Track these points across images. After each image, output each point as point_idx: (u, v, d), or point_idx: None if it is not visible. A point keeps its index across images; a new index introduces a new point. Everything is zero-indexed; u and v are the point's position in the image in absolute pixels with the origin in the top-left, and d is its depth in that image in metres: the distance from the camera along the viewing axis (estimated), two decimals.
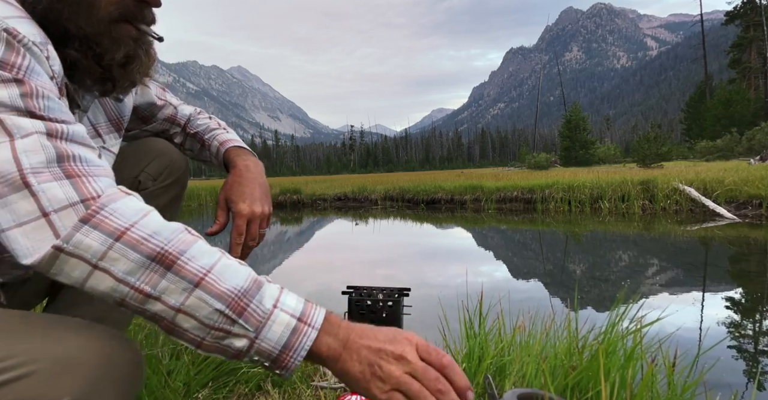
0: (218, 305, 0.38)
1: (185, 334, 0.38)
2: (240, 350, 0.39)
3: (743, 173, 6.30)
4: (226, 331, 0.38)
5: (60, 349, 0.34)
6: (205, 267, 0.38)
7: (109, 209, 0.36)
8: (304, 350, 0.40)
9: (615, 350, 0.76)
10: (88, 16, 0.45)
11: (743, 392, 1.18)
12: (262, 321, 0.39)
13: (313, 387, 0.77)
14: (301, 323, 0.40)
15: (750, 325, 1.91)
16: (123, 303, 0.37)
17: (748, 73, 28.69)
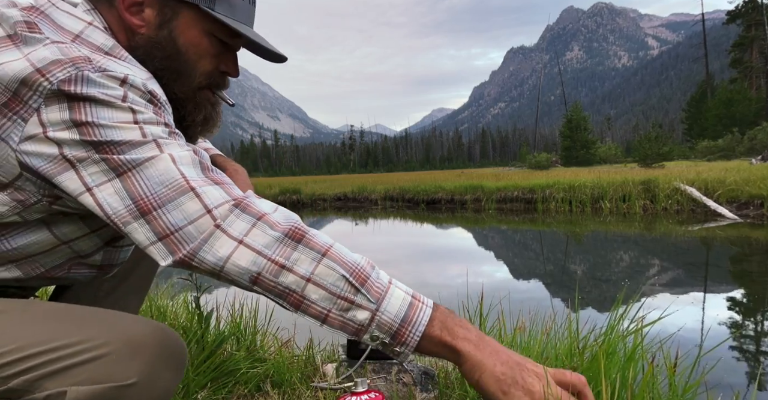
0: (343, 272, 0.42)
1: (312, 307, 0.42)
2: (362, 324, 0.42)
3: (745, 173, 6.28)
4: (350, 301, 0.42)
5: (128, 334, 0.39)
6: (328, 243, 0.44)
7: (251, 201, 0.44)
8: (422, 325, 0.42)
9: (615, 350, 0.75)
10: (183, 84, 0.53)
11: (744, 392, 1.17)
12: (382, 293, 0.42)
13: (312, 388, 0.77)
14: (416, 300, 0.44)
15: (751, 325, 1.90)
16: (258, 278, 0.41)
17: (750, 73, 28.64)
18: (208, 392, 0.74)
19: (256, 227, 0.42)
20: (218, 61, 0.55)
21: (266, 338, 0.97)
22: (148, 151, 0.42)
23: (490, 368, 0.41)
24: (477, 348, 0.42)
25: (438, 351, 0.42)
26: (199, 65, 0.53)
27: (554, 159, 20.32)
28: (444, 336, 0.42)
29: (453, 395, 0.77)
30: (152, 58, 0.50)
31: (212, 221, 0.42)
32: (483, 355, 0.41)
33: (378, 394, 0.67)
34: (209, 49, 0.53)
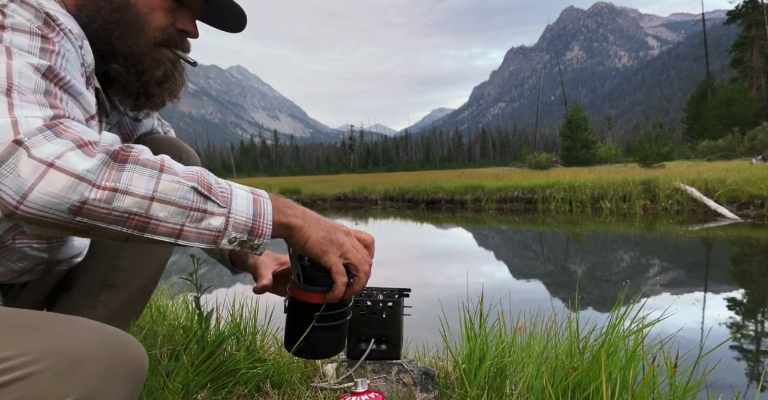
0: (191, 183, 0.39)
1: (162, 225, 0.38)
2: (219, 230, 0.41)
3: (745, 173, 6.28)
4: (203, 210, 0.40)
5: (68, 346, 0.34)
6: (159, 158, 0.40)
7: (70, 125, 0.38)
8: (269, 214, 0.44)
9: (616, 350, 0.75)
10: (136, 37, 0.52)
11: (745, 393, 1.17)
12: (228, 196, 0.42)
13: (312, 388, 0.77)
14: (256, 195, 0.45)
15: (752, 325, 1.90)
16: (82, 208, 0.35)
17: (750, 73, 28.61)
18: (208, 392, 0.73)
19: (72, 151, 0.35)
20: (173, 18, 0.55)
21: (266, 338, 0.97)
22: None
23: (314, 235, 0.47)
24: (303, 221, 0.47)
25: (276, 232, 0.46)
26: (151, 19, 0.53)
27: (554, 159, 20.31)
28: (281, 219, 0.45)
29: (453, 395, 0.77)
30: (101, 10, 0.50)
31: (11, 134, 0.34)
32: (308, 226, 0.47)
33: (378, 394, 0.67)
34: (160, 3, 0.53)
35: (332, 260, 0.48)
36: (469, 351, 0.83)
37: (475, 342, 0.83)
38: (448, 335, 0.90)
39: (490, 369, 0.79)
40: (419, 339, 1.06)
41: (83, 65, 0.47)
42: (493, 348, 0.83)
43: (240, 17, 0.60)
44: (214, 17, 0.60)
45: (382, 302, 0.79)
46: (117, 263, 0.67)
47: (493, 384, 0.78)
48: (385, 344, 0.79)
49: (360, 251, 0.50)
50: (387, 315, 0.79)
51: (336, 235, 0.49)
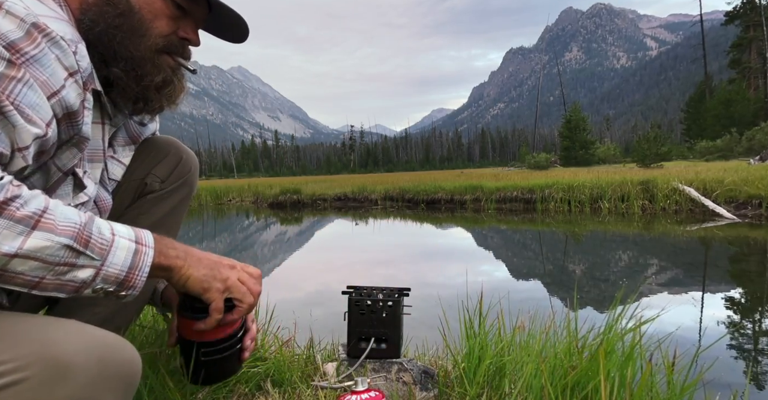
0: (65, 241, 0.38)
1: (17, 278, 0.37)
2: (84, 281, 0.40)
3: (743, 173, 6.30)
4: (71, 264, 0.38)
5: (56, 353, 0.33)
6: (39, 208, 0.38)
7: None
8: (147, 266, 0.44)
9: (614, 349, 0.76)
10: (138, 43, 0.52)
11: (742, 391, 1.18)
12: (106, 249, 0.41)
13: (313, 387, 0.77)
14: (140, 245, 0.44)
15: (749, 324, 1.91)
16: None
17: (748, 73, 28.69)
18: (209, 391, 0.74)
19: None
20: (176, 26, 0.56)
21: (267, 338, 0.97)
22: None
23: (195, 274, 0.48)
24: (184, 261, 0.48)
25: (155, 274, 0.46)
26: (154, 25, 0.53)
27: (553, 159, 20.33)
28: (161, 260, 0.46)
29: (452, 393, 0.77)
30: (104, 14, 0.51)
31: None
32: (188, 265, 0.48)
33: (378, 393, 0.68)
34: (164, 10, 0.54)
35: (213, 296, 0.50)
36: (468, 350, 0.83)
37: (474, 341, 0.83)
38: (447, 334, 0.90)
39: (489, 368, 0.79)
40: (419, 338, 1.07)
41: (77, 72, 0.45)
42: (492, 347, 0.83)
43: (242, 29, 0.61)
44: (217, 27, 0.61)
45: (382, 301, 0.79)
46: None
47: (493, 383, 0.78)
48: (385, 343, 0.80)
49: (246, 283, 0.52)
50: (387, 314, 0.79)
51: (219, 271, 0.50)
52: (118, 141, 0.64)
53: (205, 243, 5.34)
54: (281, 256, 4.41)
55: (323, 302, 2.31)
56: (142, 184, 0.69)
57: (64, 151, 0.49)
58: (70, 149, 0.49)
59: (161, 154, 0.70)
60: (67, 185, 0.52)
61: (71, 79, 0.45)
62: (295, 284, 2.93)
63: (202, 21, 0.58)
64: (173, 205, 0.71)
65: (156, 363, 0.71)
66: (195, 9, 0.56)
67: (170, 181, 0.70)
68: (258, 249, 4.85)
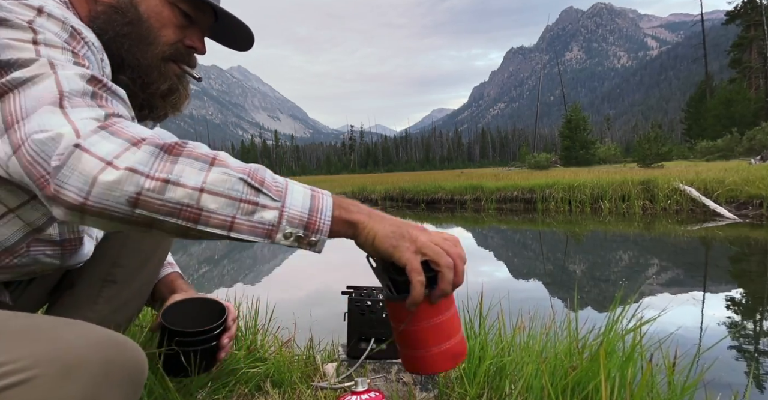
0: (240, 175, 0.39)
1: (213, 217, 0.38)
2: (272, 223, 0.40)
3: (744, 173, 6.29)
4: (254, 203, 0.40)
5: (62, 353, 0.34)
6: (212, 152, 0.41)
7: (124, 125, 0.40)
8: (328, 210, 0.43)
9: (614, 349, 0.76)
10: (145, 51, 0.53)
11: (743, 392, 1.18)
12: (282, 190, 0.42)
13: (312, 388, 0.77)
14: (315, 192, 0.44)
15: (750, 325, 1.91)
16: (138, 199, 0.37)
17: (749, 73, 28.65)
18: (209, 392, 0.74)
19: (129, 150, 0.37)
20: (183, 34, 0.56)
21: (266, 338, 0.97)
22: (36, 70, 0.40)
23: (382, 230, 0.44)
24: (370, 218, 0.45)
25: (339, 230, 0.44)
26: (161, 33, 0.54)
27: (554, 159, 20.32)
28: (343, 215, 0.44)
29: (453, 394, 0.77)
30: (113, 23, 0.52)
31: (73, 137, 0.36)
32: (375, 222, 0.45)
33: (378, 393, 0.68)
34: (171, 19, 0.55)
35: (405, 256, 0.43)
36: (468, 350, 0.83)
37: (474, 341, 0.83)
38: None
39: (489, 368, 0.79)
40: None
41: (104, 76, 0.48)
42: (492, 347, 0.83)
43: (247, 37, 0.61)
44: (222, 35, 0.62)
45: (382, 301, 0.79)
46: (118, 260, 0.67)
47: (493, 383, 0.78)
48: (385, 343, 0.79)
49: (441, 244, 0.44)
50: (387, 315, 0.79)
51: (408, 230, 0.45)
52: None
53: (205, 243, 5.34)
54: (281, 256, 4.41)
55: (323, 303, 2.31)
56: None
57: None
58: None
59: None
60: None
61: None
62: (295, 285, 2.93)
63: (207, 29, 0.59)
64: None
65: (155, 364, 0.71)
66: (201, 18, 0.57)
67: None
68: (258, 249, 4.85)
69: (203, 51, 0.59)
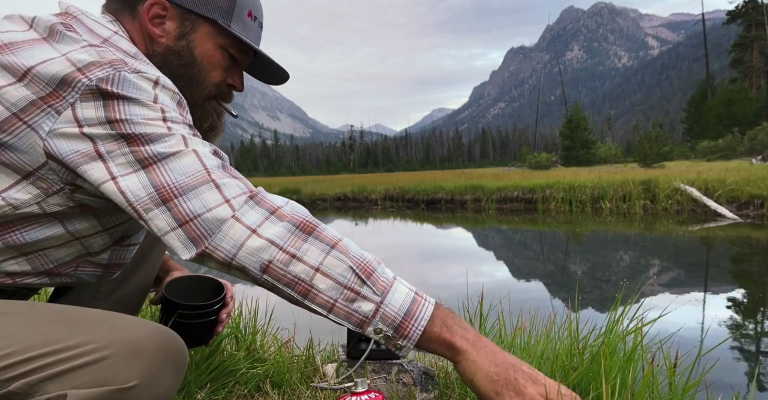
0: (350, 263, 0.44)
1: (320, 296, 0.43)
2: (366, 315, 0.43)
3: (745, 173, 6.28)
4: (356, 292, 0.43)
5: (129, 337, 0.38)
6: (337, 236, 0.46)
7: (264, 195, 0.47)
8: (424, 319, 0.44)
9: (615, 350, 0.75)
10: (195, 91, 0.57)
11: (745, 392, 1.17)
12: (387, 287, 0.44)
13: (312, 388, 0.77)
14: (418, 296, 0.46)
15: (751, 325, 1.90)
16: (269, 267, 0.42)
17: (750, 73, 28.62)
18: (208, 392, 0.74)
19: (269, 220, 0.44)
20: (227, 75, 0.60)
21: (266, 338, 0.97)
22: (175, 146, 0.45)
23: (485, 368, 0.42)
24: (474, 347, 0.43)
25: (436, 348, 0.44)
26: (210, 75, 0.58)
27: (554, 159, 20.30)
28: (443, 333, 0.43)
29: (453, 395, 0.77)
30: (169, 64, 0.55)
31: (230, 211, 0.43)
32: (479, 354, 0.43)
33: (378, 394, 0.67)
34: (221, 62, 0.58)
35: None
36: None
37: None
38: None
39: None
40: None
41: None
42: None
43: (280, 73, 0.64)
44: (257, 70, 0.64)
45: None
46: None
47: None
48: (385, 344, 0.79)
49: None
50: None
51: (516, 376, 0.41)
52: None
53: None
54: None
55: None
56: None
57: None
58: None
59: None
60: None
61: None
62: None
63: (246, 66, 0.62)
64: None
65: None
66: (244, 59, 0.60)
67: None
68: None
69: (242, 89, 0.62)
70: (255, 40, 0.59)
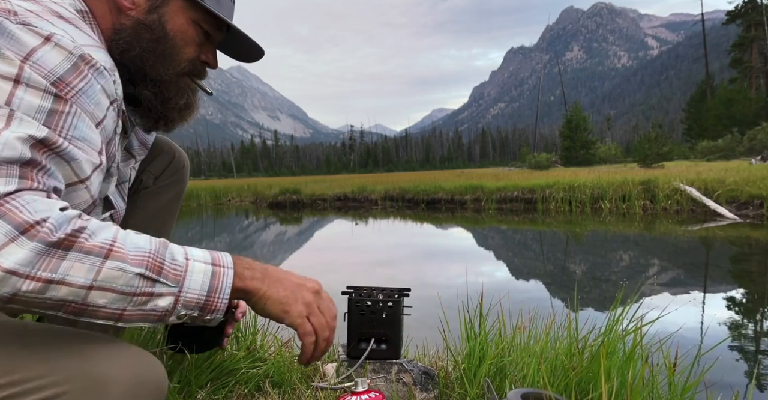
0: (135, 270, 0.38)
1: (101, 311, 0.37)
2: (165, 310, 0.40)
3: (744, 173, 6.29)
4: (149, 294, 0.39)
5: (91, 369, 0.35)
6: (109, 239, 0.38)
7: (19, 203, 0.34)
8: (228, 288, 0.43)
9: (615, 350, 0.75)
10: (168, 66, 0.54)
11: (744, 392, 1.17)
12: (181, 274, 0.41)
13: (312, 388, 0.77)
14: (216, 267, 0.43)
15: (751, 325, 1.91)
16: (14, 299, 0.34)
17: (750, 73, 28.63)
18: (209, 392, 0.74)
19: (13, 242, 0.33)
20: (200, 51, 0.58)
21: (266, 338, 0.97)
22: None
23: (274, 296, 0.46)
24: (264, 283, 0.46)
25: (231, 300, 0.45)
26: (184, 51, 0.56)
27: (554, 159, 20.30)
28: (237, 284, 0.44)
29: (453, 394, 0.77)
30: (140, 39, 0.52)
31: None
32: (267, 287, 0.46)
33: (378, 394, 0.67)
34: (194, 38, 0.56)
35: (296, 322, 0.47)
36: (468, 351, 0.83)
37: (474, 342, 0.83)
38: (448, 335, 0.90)
39: (489, 369, 0.79)
40: (419, 339, 1.07)
41: (115, 101, 0.47)
42: (492, 348, 0.83)
43: (256, 51, 0.63)
44: (230, 47, 0.63)
45: (382, 301, 0.79)
46: None
47: (493, 384, 0.78)
48: (385, 343, 0.79)
49: (326, 314, 0.49)
50: (387, 315, 0.79)
51: (301, 294, 0.47)
52: (137, 151, 0.66)
53: (205, 243, 5.34)
54: (281, 256, 4.41)
55: None
56: (138, 181, 0.71)
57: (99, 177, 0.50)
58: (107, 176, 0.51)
59: (155, 152, 0.73)
60: (98, 207, 0.53)
61: (111, 108, 0.47)
62: None
63: (218, 43, 0.61)
64: (167, 200, 0.74)
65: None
66: (217, 35, 0.59)
67: (164, 177, 0.73)
68: (258, 249, 4.85)
69: (216, 65, 0.60)
70: (228, 15, 0.57)
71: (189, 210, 10.46)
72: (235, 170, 67.81)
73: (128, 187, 0.65)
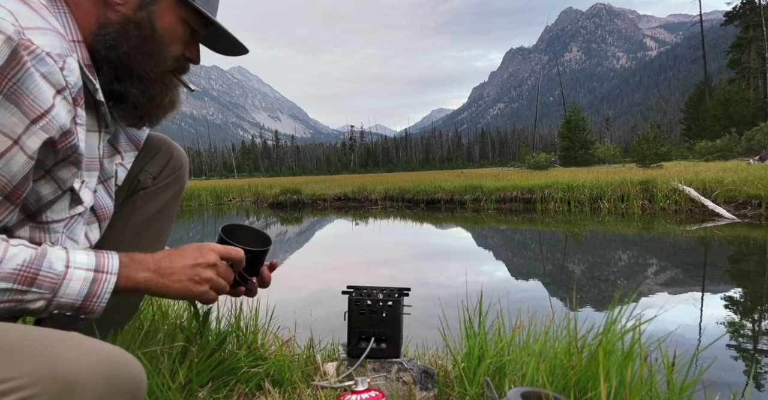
0: (4, 285, 0.41)
1: None
2: (37, 310, 0.44)
3: (742, 173, 6.31)
4: (18, 300, 0.42)
5: (61, 370, 0.33)
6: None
7: None
8: (107, 292, 0.46)
9: (614, 349, 0.76)
10: (154, 64, 0.54)
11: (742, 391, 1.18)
12: (57, 282, 0.43)
13: (313, 387, 0.77)
14: (99, 273, 0.46)
15: (748, 324, 1.91)
16: None
17: (748, 74, 28.70)
18: (210, 391, 0.74)
19: None
20: (185, 48, 0.58)
21: (267, 337, 0.97)
22: None
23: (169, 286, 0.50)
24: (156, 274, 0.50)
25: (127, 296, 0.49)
26: (171, 49, 0.56)
27: (553, 159, 20.32)
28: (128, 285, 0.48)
29: (452, 393, 0.77)
30: (128, 36, 0.52)
31: None
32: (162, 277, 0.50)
33: (378, 392, 0.68)
34: (182, 35, 0.56)
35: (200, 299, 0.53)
36: (468, 350, 0.83)
37: (474, 341, 0.84)
38: (447, 334, 0.90)
39: (489, 368, 0.79)
40: (419, 338, 1.07)
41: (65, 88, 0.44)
42: (492, 347, 0.84)
43: (235, 44, 0.62)
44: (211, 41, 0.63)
45: (382, 301, 0.79)
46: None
47: (493, 382, 0.79)
48: (385, 342, 0.80)
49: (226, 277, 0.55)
50: (387, 314, 0.79)
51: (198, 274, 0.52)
52: (123, 147, 0.65)
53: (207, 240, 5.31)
54: (281, 256, 4.41)
55: (323, 302, 2.31)
56: (135, 181, 0.70)
57: (62, 169, 0.49)
58: (68, 167, 0.49)
59: (152, 151, 0.71)
60: (64, 200, 0.52)
61: (59, 97, 0.44)
62: (295, 284, 2.93)
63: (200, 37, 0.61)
64: (166, 200, 0.72)
65: (156, 363, 0.71)
66: (203, 31, 0.59)
67: (162, 177, 0.72)
68: None
69: (199, 61, 0.60)
70: (213, 12, 0.58)
71: (190, 210, 10.44)
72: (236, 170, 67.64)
73: (114, 183, 0.63)
